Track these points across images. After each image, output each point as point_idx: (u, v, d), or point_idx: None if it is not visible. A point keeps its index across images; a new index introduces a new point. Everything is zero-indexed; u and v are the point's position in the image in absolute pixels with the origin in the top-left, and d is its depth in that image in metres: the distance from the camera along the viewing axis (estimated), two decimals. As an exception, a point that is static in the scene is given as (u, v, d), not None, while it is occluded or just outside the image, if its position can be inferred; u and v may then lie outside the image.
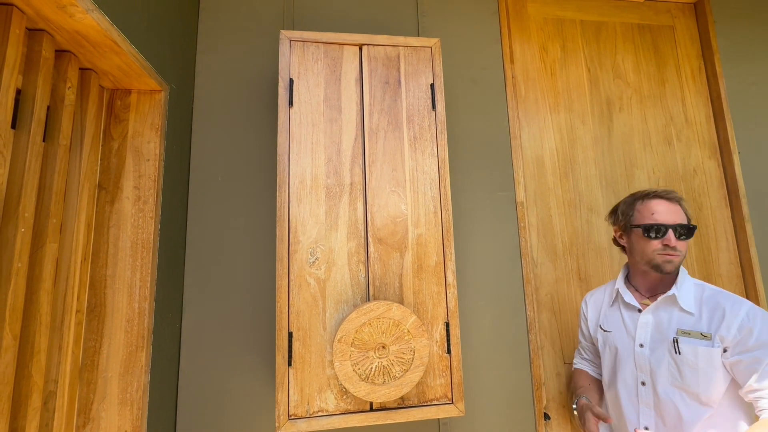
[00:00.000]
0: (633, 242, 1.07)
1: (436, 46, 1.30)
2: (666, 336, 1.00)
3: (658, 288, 1.06)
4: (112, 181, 1.12)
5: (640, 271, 1.09)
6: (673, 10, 1.84)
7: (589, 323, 1.20)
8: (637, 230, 1.05)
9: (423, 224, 1.20)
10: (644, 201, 1.06)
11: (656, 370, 0.99)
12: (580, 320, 1.27)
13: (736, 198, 1.67)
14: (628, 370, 1.05)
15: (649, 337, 1.02)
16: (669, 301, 1.02)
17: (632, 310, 1.08)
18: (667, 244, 0.99)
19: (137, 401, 1.03)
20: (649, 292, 1.08)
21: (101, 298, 1.06)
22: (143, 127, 1.15)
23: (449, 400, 1.14)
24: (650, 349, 1.02)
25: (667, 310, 1.02)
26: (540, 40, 1.71)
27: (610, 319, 1.13)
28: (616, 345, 1.09)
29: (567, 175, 1.62)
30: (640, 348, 1.03)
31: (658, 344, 1.00)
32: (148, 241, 1.10)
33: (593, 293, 1.25)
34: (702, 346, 0.93)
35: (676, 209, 1.02)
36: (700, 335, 0.94)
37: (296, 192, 1.16)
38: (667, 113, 1.74)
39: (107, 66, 1.03)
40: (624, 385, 1.06)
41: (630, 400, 1.04)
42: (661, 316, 1.02)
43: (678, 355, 0.96)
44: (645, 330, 1.03)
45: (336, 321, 1.12)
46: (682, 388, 0.96)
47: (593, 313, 1.20)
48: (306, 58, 1.23)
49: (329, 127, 1.21)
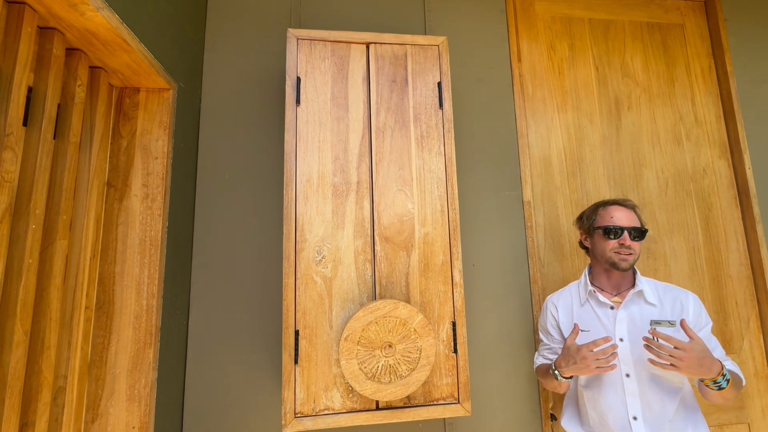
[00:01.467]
0: (595, 243, 1.19)
1: (443, 45, 1.30)
2: (641, 328, 1.10)
3: (621, 286, 1.17)
4: (120, 179, 1.13)
5: (603, 270, 1.19)
6: (683, 8, 1.82)
7: (562, 325, 1.22)
8: (598, 231, 1.17)
9: (430, 223, 1.20)
10: (605, 207, 1.19)
11: (638, 360, 1.08)
12: (545, 323, 1.27)
13: (746, 198, 1.65)
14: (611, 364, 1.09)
15: (627, 331, 1.11)
16: (637, 296, 1.14)
17: (605, 308, 1.16)
18: (623, 243, 1.11)
19: (145, 397, 1.04)
20: (614, 290, 1.18)
21: (110, 294, 1.07)
22: (152, 125, 1.16)
23: (455, 400, 1.13)
24: (630, 341, 1.10)
25: (636, 304, 1.14)
26: (548, 39, 1.70)
27: (585, 319, 1.18)
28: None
29: (575, 174, 1.61)
30: (621, 342, 1.11)
31: (636, 336, 1.10)
32: (156, 239, 1.11)
33: (559, 296, 1.27)
34: (671, 332, 1.05)
35: (631, 215, 1.16)
36: (668, 323, 1.05)
37: (303, 190, 1.16)
38: (676, 112, 1.72)
39: (117, 64, 1.04)
40: (608, 378, 1.10)
41: (615, 393, 1.09)
42: (633, 310, 1.13)
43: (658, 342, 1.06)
44: (623, 325, 1.12)
45: (342, 319, 1.12)
46: (659, 372, 1.07)
47: (565, 314, 1.22)
48: (313, 57, 1.23)
49: (336, 125, 1.21)
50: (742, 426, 1.50)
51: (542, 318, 1.31)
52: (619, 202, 1.19)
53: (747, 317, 1.59)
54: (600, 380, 1.11)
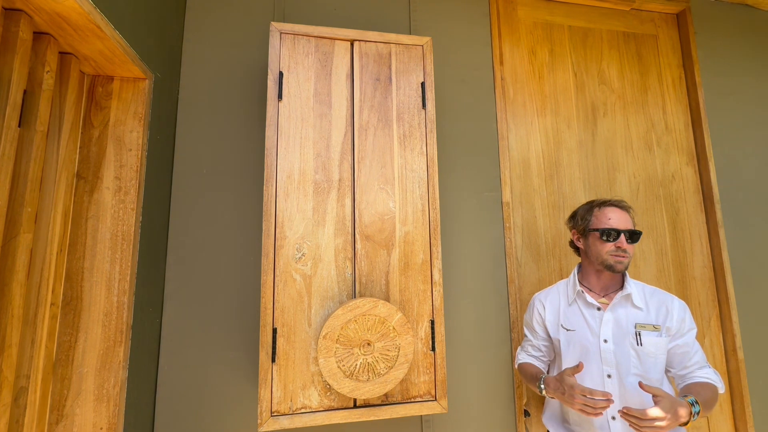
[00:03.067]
0: (590, 244, 1.19)
1: (427, 45, 1.31)
2: (626, 330, 1.11)
3: (609, 288, 1.18)
4: (91, 171, 1.08)
5: (594, 272, 1.20)
6: (657, 20, 1.89)
7: (548, 323, 1.24)
8: (594, 233, 1.17)
9: (411, 222, 1.21)
10: (601, 208, 1.19)
11: (621, 362, 1.10)
12: (531, 320, 1.29)
13: (711, 204, 1.73)
14: (594, 364, 1.12)
15: (611, 333, 1.12)
16: (624, 299, 1.15)
17: (592, 309, 1.17)
18: (620, 246, 1.12)
19: (114, 397, 1.00)
20: (602, 291, 1.19)
21: (78, 291, 1.03)
22: (126, 115, 1.12)
23: (432, 397, 1.15)
24: (614, 343, 1.12)
25: (624, 306, 1.15)
26: (529, 44, 1.73)
27: (572, 319, 1.19)
28: (581, 342, 1.15)
29: (552, 177, 1.65)
30: (605, 343, 1.12)
31: (620, 338, 1.11)
32: (129, 233, 1.07)
33: (547, 294, 1.28)
34: (655, 336, 1.09)
35: (627, 217, 1.16)
36: (652, 327, 1.10)
37: (284, 187, 1.14)
38: (648, 120, 1.79)
39: (89, 51, 1.00)
40: (590, 378, 1.12)
41: None
42: (619, 312, 1.14)
43: (639, 346, 1.09)
44: (608, 327, 1.13)
45: (321, 317, 1.11)
46: (641, 375, 1.09)
47: (551, 313, 1.24)
48: (296, 52, 1.22)
49: (319, 122, 1.20)
50: (701, 421, 1.58)
51: (528, 314, 1.32)
52: (614, 203, 1.19)
53: (708, 317, 1.67)
54: (582, 380, 1.13)
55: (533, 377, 1.19)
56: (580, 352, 1.15)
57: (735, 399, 1.61)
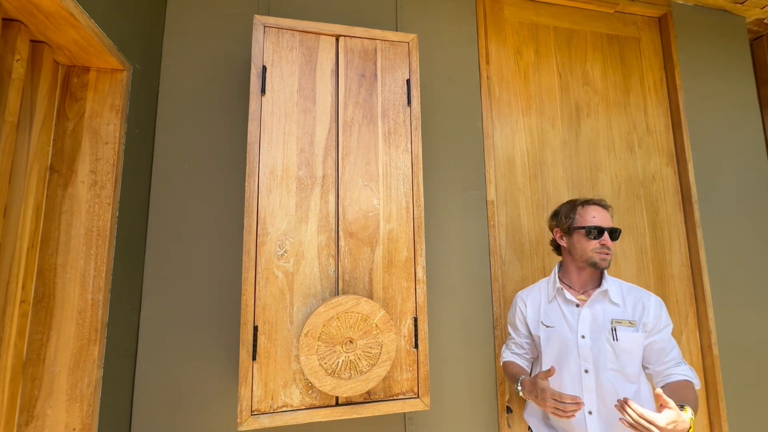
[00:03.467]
0: (574, 242, 1.21)
1: (413, 42, 1.30)
2: (603, 326, 1.14)
3: (588, 284, 1.21)
4: (65, 164, 1.05)
5: (576, 269, 1.22)
6: (640, 23, 1.92)
7: (529, 321, 1.27)
8: (580, 231, 1.19)
9: (395, 219, 1.20)
10: (584, 207, 1.21)
11: (597, 357, 1.12)
12: (513, 318, 1.32)
13: (689, 204, 1.77)
14: (572, 360, 1.14)
15: (589, 329, 1.15)
16: (602, 295, 1.17)
17: (571, 305, 1.19)
18: (605, 244, 1.15)
19: (88, 397, 0.98)
20: (581, 288, 1.21)
21: (50, 288, 0.99)
22: (102, 107, 1.09)
23: (415, 395, 1.15)
24: (591, 339, 1.14)
25: (601, 302, 1.17)
26: (515, 44, 1.75)
27: (551, 315, 1.21)
28: (560, 338, 1.18)
29: (536, 176, 1.67)
30: (582, 339, 1.14)
31: (597, 334, 1.14)
32: (105, 229, 1.04)
33: (529, 292, 1.31)
34: (631, 332, 1.11)
35: (608, 215, 1.20)
36: (628, 323, 1.12)
37: (266, 183, 1.13)
38: (630, 121, 1.82)
39: (63, 40, 0.97)
40: (568, 374, 1.14)
41: (574, 387, 1.13)
42: (596, 308, 1.16)
43: (615, 341, 1.11)
44: (586, 323, 1.15)
45: (304, 315, 1.10)
46: (617, 370, 1.11)
47: (533, 311, 1.26)
48: (280, 46, 1.20)
49: (303, 117, 1.18)
50: (678, 414, 1.62)
51: (511, 313, 1.34)
52: (596, 202, 1.22)
53: (686, 314, 1.71)
54: (561, 375, 1.15)
55: (513, 377, 1.21)
56: (559, 348, 1.17)
57: (710, 394, 1.65)
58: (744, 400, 1.66)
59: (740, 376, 1.67)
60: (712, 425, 1.64)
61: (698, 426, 1.63)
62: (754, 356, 1.71)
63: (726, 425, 1.60)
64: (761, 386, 1.69)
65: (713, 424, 1.64)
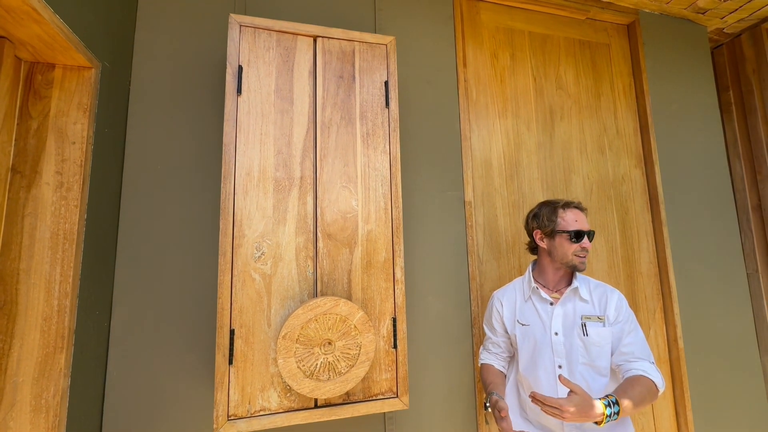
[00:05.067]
0: (556, 245, 1.23)
1: (391, 44, 1.31)
2: (573, 322, 1.18)
3: (561, 283, 1.26)
4: (29, 165, 1.00)
5: (554, 269, 1.26)
6: (610, 30, 2.00)
7: (506, 320, 1.30)
8: (563, 235, 1.22)
9: (373, 220, 1.21)
10: (565, 210, 1.24)
11: (570, 352, 1.17)
12: (490, 318, 1.34)
13: (656, 204, 1.85)
14: (547, 356, 1.18)
15: (561, 326, 1.19)
16: (573, 293, 1.22)
17: (545, 303, 1.23)
18: (585, 247, 1.20)
19: (54, 408, 0.94)
20: (555, 287, 1.26)
21: (12, 294, 0.95)
22: (68, 106, 1.05)
23: (394, 395, 1.16)
24: (564, 335, 1.18)
25: (572, 300, 1.21)
26: (491, 48, 1.78)
27: (527, 314, 1.25)
28: (534, 336, 1.21)
29: (512, 177, 1.71)
30: (555, 336, 1.19)
31: (568, 330, 1.18)
32: (72, 232, 1.00)
33: (504, 292, 1.33)
34: (600, 327, 1.16)
35: (585, 218, 1.24)
36: (596, 318, 1.17)
37: (242, 184, 1.11)
38: (601, 124, 1.89)
39: (25, 35, 0.93)
40: (543, 369, 1.18)
41: (549, 382, 1.17)
42: (568, 306, 1.21)
43: (586, 336, 1.16)
44: (558, 320, 1.20)
45: (282, 317, 1.09)
46: (589, 364, 1.15)
47: (509, 309, 1.30)
48: (257, 46, 1.19)
49: (280, 118, 1.17)
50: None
51: (488, 313, 1.36)
52: (576, 205, 1.25)
53: (653, 309, 1.79)
54: (536, 370, 1.19)
55: (486, 388, 1.25)
56: (534, 344, 1.21)
57: (675, 385, 1.73)
58: (707, 390, 1.74)
59: (704, 368, 1.76)
60: (678, 414, 1.72)
61: (664, 414, 1.71)
62: (717, 349, 1.80)
63: (690, 414, 1.69)
64: (723, 377, 1.79)
65: (679, 413, 1.72)
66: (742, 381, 1.81)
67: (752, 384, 1.83)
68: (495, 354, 1.33)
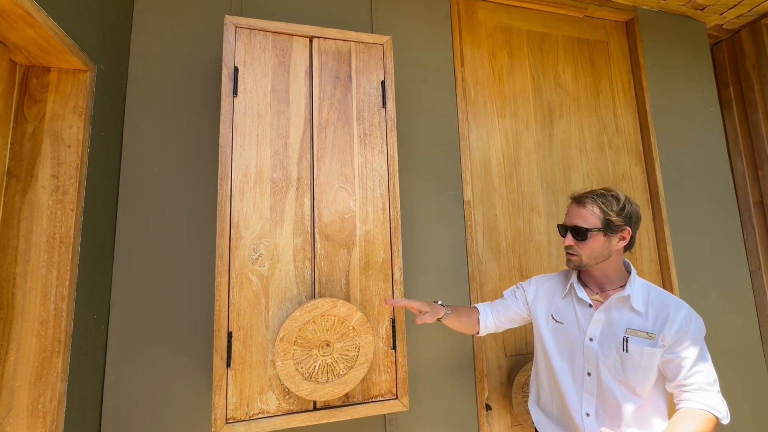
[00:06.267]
0: None
1: (387, 44, 1.31)
2: (615, 333, 1.03)
3: (606, 285, 1.09)
4: (24, 168, 1.00)
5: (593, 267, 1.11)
6: (608, 27, 1.99)
7: (533, 306, 1.19)
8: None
9: (371, 221, 1.20)
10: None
11: (602, 363, 1.04)
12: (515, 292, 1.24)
13: (657, 201, 1.84)
14: (577, 359, 1.08)
15: (599, 333, 1.06)
16: (622, 301, 1.05)
17: (584, 305, 1.10)
18: (566, 244, 1.08)
19: (51, 412, 0.93)
20: (597, 287, 1.10)
21: (9, 298, 0.95)
22: (64, 109, 1.04)
23: (394, 396, 1.15)
24: (599, 343, 1.05)
25: (619, 308, 1.05)
26: (489, 47, 1.78)
27: (563, 312, 1.13)
28: (567, 336, 1.11)
29: (511, 176, 1.70)
30: (590, 342, 1.06)
31: (606, 340, 1.04)
32: (68, 236, 1.00)
33: (546, 281, 1.22)
34: (647, 346, 0.99)
35: (578, 212, 1.07)
36: (646, 335, 0.99)
37: (239, 185, 1.11)
38: (600, 122, 1.88)
39: (19, 39, 0.92)
40: (572, 373, 1.09)
41: (575, 387, 1.08)
42: (613, 314, 1.05)
43: (625, 353, 1.01)
44: (597, 326, 1.06)
45: (279, 319, 1.09)
46: (622, 381, 1.02)
47: (544, 300, 1.18)
48: (253, 47, 1.18)
49: (276, 119, 1.17)
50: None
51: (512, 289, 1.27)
52: (574, 197, 1.12)
53: (655, 308, 1.77)
54: (564, 369, 1.10)
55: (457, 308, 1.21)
56: (565, 345, 1.12)
57: (679, 384, 1.72)
58: (710, 388, 1.73)
59: (707, 366, 1.74)
60: (682, 414, 1.70)
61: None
62: (721, 346, 1.79)
63: (694, 413, 1.67)
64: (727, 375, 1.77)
65: (682, 413, 1.70)
66: (745, 379, 1.80)
67: (756, 381, 1.81)
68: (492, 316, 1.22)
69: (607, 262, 1.06)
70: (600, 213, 1.03)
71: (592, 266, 1.06)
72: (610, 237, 1.04)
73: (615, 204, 1.03)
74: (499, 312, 1.23)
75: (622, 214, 1.03)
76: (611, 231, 1.03)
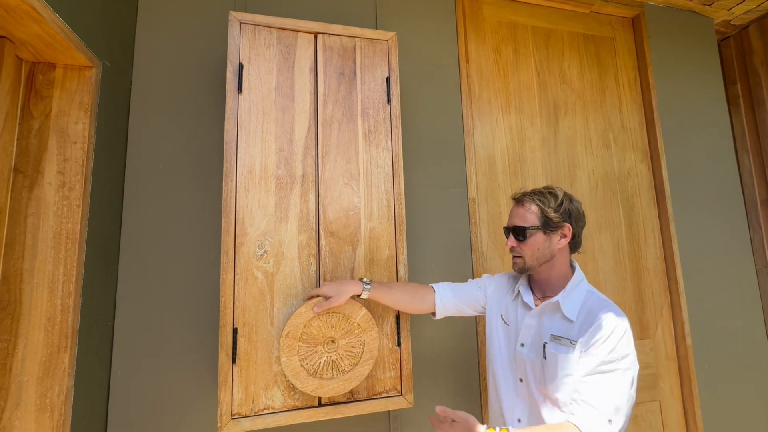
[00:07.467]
0: None
1: (392, 40, 1.30)
2: (541, 339, 1.00)
3: (547, 290, 1.05)
4: (31, 165, 1.00)
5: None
6: (614, 23, 1.97)
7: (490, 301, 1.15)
8: None
9: (376, 218, 1.20)
10: None
11: (529, 370, 1.00)
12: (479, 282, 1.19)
13: (663, 199, 1.83)
14: (509, 366, 1.06)
15: (530, 339, 1.02)
16: (553, 307, 1.00)
17: (527, 309, 1.05)
18: (509, 246, 1.04)
19: (58, 407, 0.94)
20: (540, 293, 1.06)
21: (16, 294, 0.95)
22: (70, 106, 1.05)
23: (399, 393, 1.15)
24: (529, 349, 1.01)
25: (551, 315, 1.00)
26: (494, 43, 1.76)
27: (511, 314, 1.10)
28: (507, 339, 1.09)
29: (516, 173, 1.69)
30: (521, 347, 1.03)
31: (535, 346, 1.00)
32: (74, 232, 1.00)
33: (506, 279, 1.18)
34: (564, 351, 0.93)
35: (518, 211, 1.04)
36: (569, 342, 0.94)
37: (244, 182, 1.11)
38: (606, 119, 1.86)
39: (25, 35, 0.92)
40: (505, 381, 1.06)
41: (508, 392, 1.05)
42: (544, 319, 1.01)
43: (544, 359, 0.97)
44: (528, 331, 1.02)
45: (284, 316, 1.09)
46: (542, 390, 0.97)
47: (498, 299, 1.14)
48: (257, 43, 1.18)
49: (281, 115, 1.17)
50: (654, 404, 1.68)
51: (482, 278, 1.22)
52: (513, 197, 1.08)
53: (660, 306, 1.77)
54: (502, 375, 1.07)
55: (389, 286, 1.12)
56: (506, 348, 1.09)
57: (684, 382, 1.71)
58: (716, 387, 1.72)
59: (712, 365, 1.74)
60: (686, 412, 1.70)
61: (672, 413, 1.69)
62: (726, 346, 1.78)
63: (699, 412, 1.66)
64: (733, 374, 1.76)
65: (687, 411, 1.70)
66: (751, 378, 1.79)
67: (762, 380, 1.80)
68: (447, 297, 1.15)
69: (550, 264, 1.02)
70: (538, 210, 1.00)
71: (537, 268, 1.02)
72: (550, 235, 1.00)
73: (552, 201, 1.00)
74: (461, 293, 1.17)
75: (559, 210, 0.99)
76: (550, 228, 0.99)
